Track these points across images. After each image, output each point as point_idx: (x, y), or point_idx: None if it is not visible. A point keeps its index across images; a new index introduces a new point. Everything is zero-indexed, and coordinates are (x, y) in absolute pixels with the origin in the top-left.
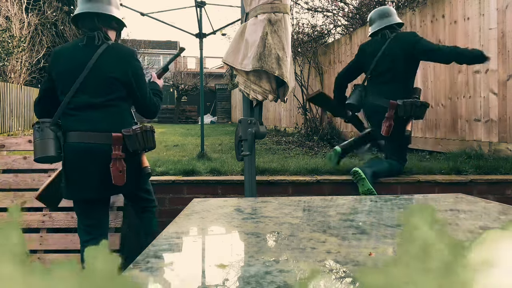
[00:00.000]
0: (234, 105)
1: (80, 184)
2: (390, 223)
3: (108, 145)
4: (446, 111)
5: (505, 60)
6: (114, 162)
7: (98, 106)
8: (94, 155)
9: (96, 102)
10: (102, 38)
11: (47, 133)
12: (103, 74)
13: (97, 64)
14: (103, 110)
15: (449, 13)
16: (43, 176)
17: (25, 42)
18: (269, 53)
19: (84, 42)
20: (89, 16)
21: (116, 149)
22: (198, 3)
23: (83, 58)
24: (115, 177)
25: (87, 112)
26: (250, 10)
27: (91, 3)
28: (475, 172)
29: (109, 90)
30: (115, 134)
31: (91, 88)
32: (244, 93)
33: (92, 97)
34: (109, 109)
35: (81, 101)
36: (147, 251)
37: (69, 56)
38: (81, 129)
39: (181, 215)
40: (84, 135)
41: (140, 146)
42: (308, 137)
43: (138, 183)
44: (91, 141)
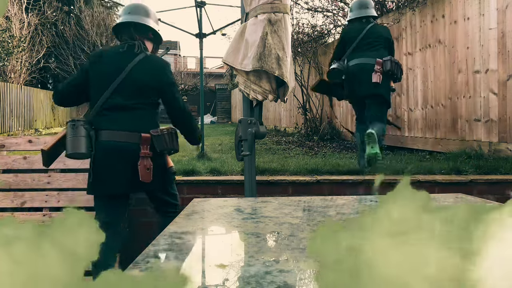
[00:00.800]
0: (234, 105)
1: (108, 180)
2: None
3: (137, 144)
4: (446, 111)
5: (505, 60)
6: (142, 160)
7: (129, 108)
8: (123, 153)
9: (128, 105)
10: (142, 48)
11: (80, 131)
12: (137, 80)
13: (133, 70)
14: (134, 112)
15: (449, 13)
16: (43, 176)
17: (25, 42)
18: (269, 53)
19: (124, 49)
20: (127, 26)
21: (144, 148)
22: (198, 3)
23: (122, 64)
24: (142, 174)
25: (119, 113)
26: (250, 10)
27: (130, 14)
28: (475, 172)
29: (141, 95)
30: (144, 134)
31: (125, 91)
32: (244, 93)
33: (125, 100)
34: (139, 112)
35: (115, 102)
36: (147, 251)
37: (109, 60)
38: (112, 128)
39: (181, 215)
40: (115, 134)
41: (166, 147)
42: (308, 137)
43: (163, 182)
44: (121, 140)
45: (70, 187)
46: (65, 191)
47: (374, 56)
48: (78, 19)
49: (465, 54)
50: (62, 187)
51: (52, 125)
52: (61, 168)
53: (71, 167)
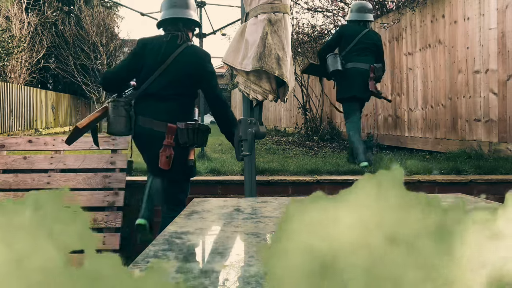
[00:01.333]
0: (234, 105)
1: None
2: None
3: (163, 133)
4: (446, 111)
5: (505, 60)
6: (164, 148)
7: (163, 98)
8: (150, 139)
9: (163, 94)
10: (184, 39)
11: (121, 111)
12: (178, 70)
13: (176, 60)
14: (166, 103)
15: (449, 13)
16: (43, 176)
17: (25, 42)
18: (269, 53)
19: (168, 39)
20: (174, 21)
21: (168, 137)
22: (198, 3)
23: (165, 53)
24: (162, 161)
25: (153, 102)
26: (250, 10)
27: (175, 8)
28: (475, 172)
29: (180, 85)
30: (170, 125)
31: (164, 81)
32: (244, 93)
33: (163, 90)
34: (171, 102)
35: (153, 91)
36: (147, 251)
37: (154, 49)
38: (145, 114)
39: (181, 215)
40: (146, 121)
41: (189, 140)
42: (308, 137)
43: (181, 173)
44: (150, 127)
45: (70, 187)
46: None
47: (368, 62)
48: (78, 19)
49: (465, 54)
50: (62, 187)
51: (52, 125)
52: (61, 168)
53: (71, 167)
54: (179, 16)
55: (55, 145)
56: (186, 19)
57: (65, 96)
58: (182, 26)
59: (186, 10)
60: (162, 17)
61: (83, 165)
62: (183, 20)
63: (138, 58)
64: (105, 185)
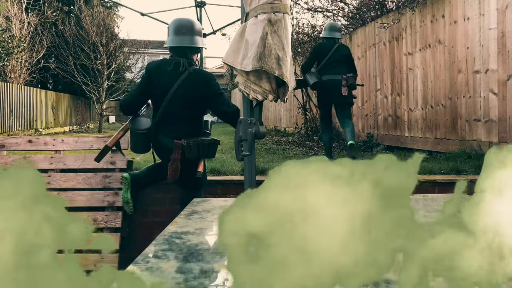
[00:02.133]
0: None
1: None
2: None
3: (171, 149)
4: (446, 111)
5: (505, 60)
6: (172, 162)
7: (175, 120)
8: (165, 154)
9: (175, 118)
10: (186, 65)
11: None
12: (185, 95)
13: (181, 87)
14: (178, 123)
15: (449, 13)
16: (43, 176)
17: (25, 42)
18: (269, 53)
19: (171, 67)
20: (181, 49)
21: (175, 153)
22: (198, 3)
23: (170, 81)
24: (169, 174)
25: (168, 123)
26: (250, 10)
27: (182, 36)
28: (475, 172)
29: (190, 107)
30: (176, 141)
31: (175, 105)
32: (244, 93)
33: (173, 114)
34: (182, 122)
35: (166, 114)
36: (147, 251)
37: (160, 77)
38: (161, 133)
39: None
40: (162, 138)
41: (193, 155)
42: (308, 137)
43: (190, 183)
44: (164, 143)
45: (70, 187)
46: (65, 191)
47: (340, 73)
48: (78, 19)
49: (465, 54)
50: (62, 187)
51: (52, 125)
52: (61, 168)
53: (71, 167)
54: (186, 46)
55: (55, 145)
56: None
57: (65, 96)
58: (189, 52)
59: (192, 37)
60: (169, 43)
61: (83, 165)
62: (192, 48)
63: (148, 83)
64: (105, 185)
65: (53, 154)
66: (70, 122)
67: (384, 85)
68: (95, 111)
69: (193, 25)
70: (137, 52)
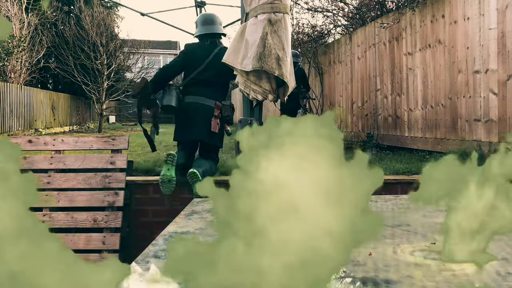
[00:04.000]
0: (234, 106)
1: (187, 131)
2: (390, 223)
3: (212, 107)
4: (446, 111)
5: (505, 60)
6: (214, 118)
7: (209, 83)
8: (200, 112)
9: (208, 80)
10: (218, 44)
11: (172, 91)
12: (215, 64)
13: (214, 58)
14: (211, 87)
15: (449, 13)
16: (43, 176)
17: (25, 42)
18: (269, 53)
19: (208, 43)
20: (209, 35)
21: (216, 112)
22: (198, 3)
23: (205, 54)
24: (213, 126)
25: (201, 86)
26: (250, 10)
27: (208, 25)
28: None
29: (219, 75)
30: (217, 102)
31: (207, 73)
32: (244, 93)
33: (206, 77)
34: (214, 87)
35: (199, 78)
36: (147, 251)
37: (197, 51)
38: (196, 94)
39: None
40: (197, 98)
41: (228, 114)
42: None
43: (220, 136)
44: (201, 102)
45: (70, 187)
46: (65, 191)
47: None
48: (78, 19)
49: (465, 54)
50: (62, 187)
51: (52, 125)
52: (61, 168)
53: (71, 167)
54: (213, 32)
55: (55, 145)
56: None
57: (65, 96)
58: (217, 37)
59: (215, 25)
60: (199, 32)
61: (83, 165)
62: (215, 34)
63: (186, 57)
64: (105, 185)
65: (53, 154)
66: (70, 122)
67: (384, 85)
68: (95, 111)
69: (215, 18)
70: (137, 52)
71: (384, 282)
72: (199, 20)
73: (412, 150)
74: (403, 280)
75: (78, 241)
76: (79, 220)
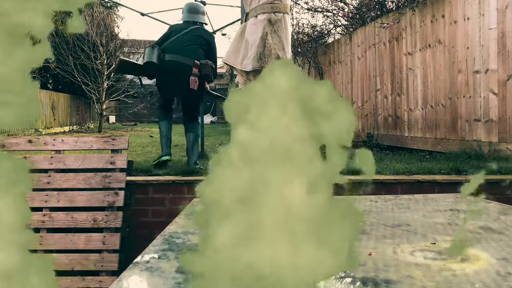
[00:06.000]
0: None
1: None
2: (390, 223)
3: (191, 66)
4: (446, 111)
5: (505, 60)
6: (193, 75)
7: (188, 45)
8: (179, 70)
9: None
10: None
11: (155, 50)
12: (194, 34)
13: (191, 30)
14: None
15: (449, 13)
16: (43, 176)
17: None
18: (269, 53)
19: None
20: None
21: (195, 70)
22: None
23: (186, 26)
24: (192, 83)
25: (182, 47)
26: (250, 10)
27: (193, 14)
28: (475, 172)
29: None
30: (196, 61)
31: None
32: None
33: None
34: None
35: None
36: (147, 251)
37: (180, 25)
38: (176, 53)
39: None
40: (177, 57)
41: (207, 73)
42: None
43: (200, 93)
44: (181, 61)
45: (70, 187)
46: (65, 191)
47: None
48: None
49: (465, 54)
50: (62, 187)
51: (52, 125)
52: (61, 168)
53: (71, 167)
54: (195, 20)
55: (55, 145)
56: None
57: (65, 96)
58: (199, 24)
59: (198, 15)
60: (184, 18)
61: (83, 165)
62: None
63: (170, 29)
64: (105, 185)
65: (53, 154)
66: (70, 122)
67: (384, 85)
68: (95, 111)
69: (199, 8)
70: (137, 52)
71: (384, 282)
72: (185, 8)
73: (412, 150)
74: (403, 280)
75: (78, 241)
76: (79, 220)
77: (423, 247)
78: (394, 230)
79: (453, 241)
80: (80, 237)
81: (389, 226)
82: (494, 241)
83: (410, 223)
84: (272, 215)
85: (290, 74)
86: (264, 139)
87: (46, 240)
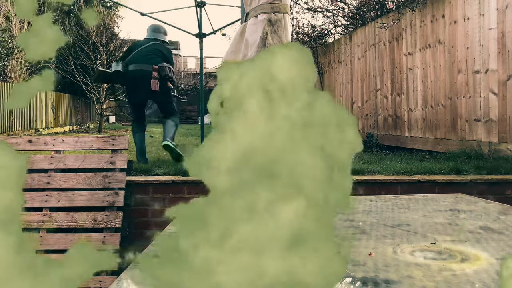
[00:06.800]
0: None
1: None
2: (390, 223)
3: (150, 71)
4: (446, 111)
5: (505, 60)
6: (153, 79)
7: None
8: (142, 77)
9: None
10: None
11: (119, 63)
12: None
13: (151, 45)
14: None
15: (449, 13)
16: (43, 176)
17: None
18: None
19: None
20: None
21: (154, 74)
22: (198, 3)
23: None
24: (153, 85)
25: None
26: (250, 10)
27: (155, 33)
28: (475, 172)
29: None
30: (154, 66)
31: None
32: None
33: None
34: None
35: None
36: (147, 251)
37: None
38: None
39: None
40: (139, 66)
41: (166, 74)
42: None
43: (164, 93)
44: (143, 69)
45: (70, 187)
46: (65, 191)
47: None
48: (78, 19)
49: (465, 54)
50: (62, 187)
51: (52, 125)
52: (61, 168)
53: (71, 167)
54: (156, 38)
55: (55, 145)
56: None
57: (65, 96)
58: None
59: (159, 33)
60: (147, 36)
61: (83, 165)
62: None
63: (133, 44)
64: (105, 185)
65: (53, 154)
66: (70, 122)
67: (384, 85)
68: (95, 111)
69: (161, 28)
70: None
71: (384, 282)
72: (150, 27)
73: (412, 150)
74: (403, 280)
75: (78, 241)
76: (79, 220)
77: (423, 247)
78: (394, 230)
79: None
80: (80, 237)
81: (389, 226)
82: (494, 241)
83: (410, 223)
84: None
85: None
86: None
87: (46, 240)
